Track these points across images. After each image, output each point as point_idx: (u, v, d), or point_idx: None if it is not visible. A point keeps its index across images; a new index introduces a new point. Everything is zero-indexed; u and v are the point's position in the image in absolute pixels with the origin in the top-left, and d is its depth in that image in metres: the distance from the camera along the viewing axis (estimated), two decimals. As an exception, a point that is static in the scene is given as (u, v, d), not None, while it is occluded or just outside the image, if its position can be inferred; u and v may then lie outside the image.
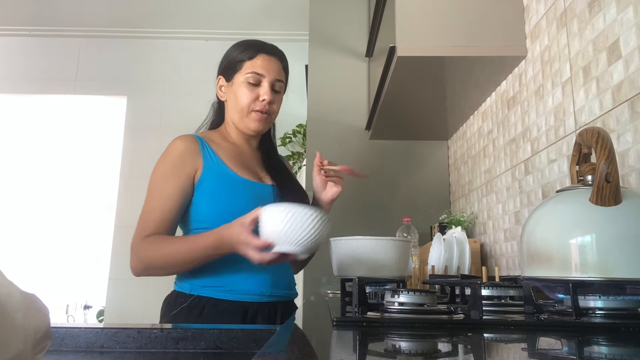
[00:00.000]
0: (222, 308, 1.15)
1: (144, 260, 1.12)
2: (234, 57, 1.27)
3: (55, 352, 0.78)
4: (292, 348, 0.53)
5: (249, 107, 1.24)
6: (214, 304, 1.15)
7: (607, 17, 1.08)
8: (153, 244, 1.12)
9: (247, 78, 1.23)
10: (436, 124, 2.26)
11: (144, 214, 1.17)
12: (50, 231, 4.95)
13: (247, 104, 1.24)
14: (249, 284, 1.17)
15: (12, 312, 0.37)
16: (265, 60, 1.24)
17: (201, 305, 1.15)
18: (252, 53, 1.24)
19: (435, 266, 1.58)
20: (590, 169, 0.75)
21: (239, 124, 1.27)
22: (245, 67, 1.24)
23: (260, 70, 1.23)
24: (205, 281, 1.17)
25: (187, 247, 1.11)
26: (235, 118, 1.27)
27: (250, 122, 1.25)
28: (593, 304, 0.67)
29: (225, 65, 1.30)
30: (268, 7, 3.77)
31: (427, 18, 1.55)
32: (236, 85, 1.25)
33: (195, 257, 1.10)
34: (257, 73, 1.23)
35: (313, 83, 2.53)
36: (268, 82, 1.24)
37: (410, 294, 0.72)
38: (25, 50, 3.78)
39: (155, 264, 1.12)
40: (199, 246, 1.09)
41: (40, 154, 5.03)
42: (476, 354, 0.51)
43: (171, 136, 1.29)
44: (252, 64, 1.24)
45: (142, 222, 1.16)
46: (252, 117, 1.24)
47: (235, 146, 1.30)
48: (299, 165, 3.29)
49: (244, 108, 1.24)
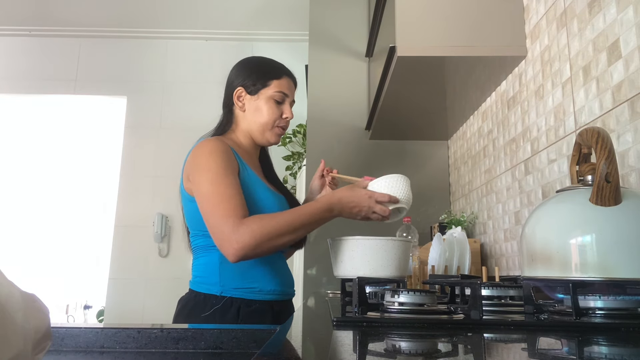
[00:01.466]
0: (255, 308, 1.22)
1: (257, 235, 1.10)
2: (262, 73, 1.35)
3: (55, 352, 0.78)
4: (292, 348, 0.53)
5: (274, 122, 1.34)
6: (247, 304, 1.21)
7: (607, 17, 1.08)
8: (262, 219, 1.12)
9: (273, 96, 1.33)
10: (436, 124, 2.26)
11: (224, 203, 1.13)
12: (50, 231, 4.95)
13: (274, 119, 1.33)
14: (274, 284, 1.26)
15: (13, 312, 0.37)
16: (289, 82, 1.37)
17: (236, 306, 1.20)
18: (280, 74, 1.35)
19: (435, 266, 1.58)
20: (590, 169, 0.75)
21: (258, 136, 1.35)
22: (274, 85, 1.33)
23: (286, 90, 1.35)
24: (235, 283, 1.22)
25: (301, 213, 1.16)
26: (255, 129, 1.34)
27: (272, 137, 1.35)
28: (593, 304, 0.67)
29: (250, 79, 1.34)
30: (268, 7, 3.77)
31: (427, 18, 1.55)
32: (262, 100, 1.33)
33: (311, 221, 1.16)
34: (284, 93, 1.34)
35: (313, 83, 2.53)
36: (289, 102, 1.37)
37: (410, 294, 0.72)
38: (25, 50, 3.78)
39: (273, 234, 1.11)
40: (311, 211, 1.16)
41: (40, 154, 5.03)
42: (476, 354, 0.51)
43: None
44: (280, 84, 1.34)
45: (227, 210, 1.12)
46: (275, 132, 1.35)
47: (248, 154, 1.36)
48: (299, 165, 3.29)
49: (268, 123, 1.33)
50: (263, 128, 1.33)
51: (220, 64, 3.88)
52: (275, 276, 1.28)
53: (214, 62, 3.74)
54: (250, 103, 1.34)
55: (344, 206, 1.17)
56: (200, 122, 1.42)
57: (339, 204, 1.17)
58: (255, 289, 1.23)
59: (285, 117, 1.35)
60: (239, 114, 1.36)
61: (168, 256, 3.45)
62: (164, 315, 3.08)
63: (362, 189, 1.18)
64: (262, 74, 1.34)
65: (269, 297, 1.25)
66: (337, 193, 1.18)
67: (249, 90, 1.34)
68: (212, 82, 3.82)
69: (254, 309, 1.22)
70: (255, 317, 1.21)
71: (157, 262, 3.43)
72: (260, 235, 1.10)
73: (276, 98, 1.33)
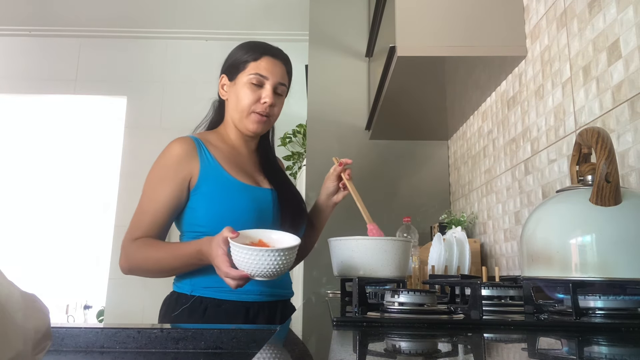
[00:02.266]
0: (224, 308, 1.16)
1: (131, 262, 1.15)
2: (238, 57, 1.27)
3: (55, 352, 0.78)
4: (292, 348, 0.53)
5: (250, 108, 1.24)
6: (217, 304, 1.16)
7: (607, 17, 1.08)
8: (140, 247, 1.14)
9: (250, 79, 1.23)
10: (436, 124, 2.26)
11: (136, 215, 1.19)
12: (50, 231, 4.95)
13: (249, 104, 1.23)
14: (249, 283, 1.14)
15: (13, 312, 0.37)
16: (269, 63, 1.24)
17: (203, 306, 1.16)
18: (258, 54, 1.24)
19: (435, 266, 1.58)
20: (590, 169, 0.75)
21: (238, 124, 1.27)
22: (250, 68, 1.24)
23: (264, 72, 1.23)
24: (206, 282, 1.17)
25: (171, 255, 1.13)
26: (235, 118, 1.27)
27: (250, 124, 1.25)
28: (593, 304, 0.67)
29: (229, 64, 1.29)
30: (268, 7, 3.77)
31: (427, 18, 1.55)
32: (239, 85, 1.25)
33: (178, 265, 1.14)
34: (261, 75, 1.23)
35: (313, 83, 2.53)
36: (271, 85, 1.24)
37: (410, 294, 0.72)
38: (25, 50, 3.78)
39: (141, 267, 1.16)
40: (182, 255, 1.12)
41: (40, 154, 5.03)
42: (476, 354, 0.51)
43: (171, 136, 1.29)
44: (257, 66, 1.24)
45: (133, 224, 1.18)
46: (252, 118, 1.24)
47: (234, 148, 1.30)
48: (299, 165, 3.29)
49: (244, 108, 1.24)
50: (240, 115, 1.24)
51: (220, 64, 3.89)
52: None
53: (214, 62, 3.71)
54: (230, 90, 1.27)
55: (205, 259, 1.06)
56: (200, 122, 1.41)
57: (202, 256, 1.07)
58: (225, 287, 1.10)
59: (263, 102, 1.23)
60: (226, 105, 1.30)
61: (168, 256, 3.44)
62: (164, 315, 3.10)
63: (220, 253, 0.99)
64: (238, 58, 1.26)
65: (242, 297, 1.17)
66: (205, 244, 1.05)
67: (230, 77, 1.28)
68: (212, 82, 3.82)
69: (222, 309, 1.16)
70: (223, 318, 1.14)
71: (157, 262, 3.42)
72: (133, 262, 1.15)
73: (253, 81, 1.22)
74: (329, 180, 1.35)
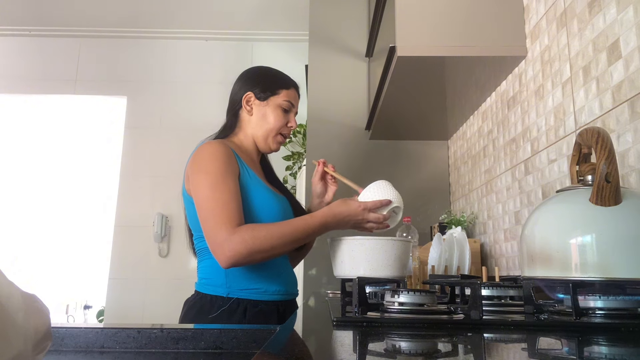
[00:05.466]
0: (261, 308, 1.24)
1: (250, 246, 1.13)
2: (273, 81, 1.40)
3: (55, 352, 0.78)
4: (292, 348, 0.53)
5: (279, 130, 1.38)
6: (254, 305, 1.24)
7: (607, 17, 1.08)
8: (255, 229, 1.14)
9: (282, 104, 1.38)
10: (436, 124, 2.26)
11: (220, 209, 1.15)
12: (50, 231, 4.95)
13: (279, 127, 1.37)
14: (278, 284, 1.29)
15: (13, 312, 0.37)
16: (295, 94, 1.43)
17: (242, 307, 1.22)
18: (289, 84, 1.41)
19: (435, 266, 1.58)
20: (590, 169, 0.75)
21: (261, 141, 1.38)
22: (283, 94, 1.39)
23: (293, 101, 1.41)
24: (241, 285, 1.24)
25: (295, 228, 1.18)
26: (259, 134, 1.38)
27: (274, 144, 1.39)
28: (593, 304, 0.67)
29: (261, 85, 1.39)
30: (268, 7, 3.76)
31: (427, 18, 1.55)
32: (271, 107, 1.37)
33: (303, 236, 1.19)
34: (291, 103, 1.40)
35: (313, 83, 2.53)
36: (294, 113, 1.42)
37: (410, 294, 0.72)
38: (25, 50, 3.78)
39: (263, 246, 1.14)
40: (310, 225, 1.19)
41: (40, 154, 5.03)
42: (476, 354, 0.51)
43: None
44: (288, 94, 1.40)
45: (223, 217, 1.14)
46: (278, 139, 1.39)
47: (250, 158, 1.38)
48: (299, 165, 3.29)
49: (273, 129, 1.37)
50: (267, 134, 1.37)
51: (220, 64, 3.90)
52: (280, 277, 1.30)
53: (214, 62, 3.74)
54: (258, 108, 1.38)
55: (339, 221, 1.20)
56: (201, 122, 1.43)
57: (334, 219, 1.20)
58: (260, 289, 1.24)
59: (289, 126, 1.40)
60: (245, 118, 1.39)
61: (168, 256, 3.45)
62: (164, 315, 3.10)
63: (354, 202, 1.20)
64: (273, 82, 1.40)
65: (274, 297, 1.27)
66: (333, 208, 1.21)
67: (259, 96, 1.38)
68: (212, 82, 3.84)
69: (259, 310, 1.24)
70: (261, 317, 1.23)
71: (157, 262, 3.43)
72: (252, 245, 1.12)
73: (284, 106, 1.38)
74: (315, 182, 1.45)
